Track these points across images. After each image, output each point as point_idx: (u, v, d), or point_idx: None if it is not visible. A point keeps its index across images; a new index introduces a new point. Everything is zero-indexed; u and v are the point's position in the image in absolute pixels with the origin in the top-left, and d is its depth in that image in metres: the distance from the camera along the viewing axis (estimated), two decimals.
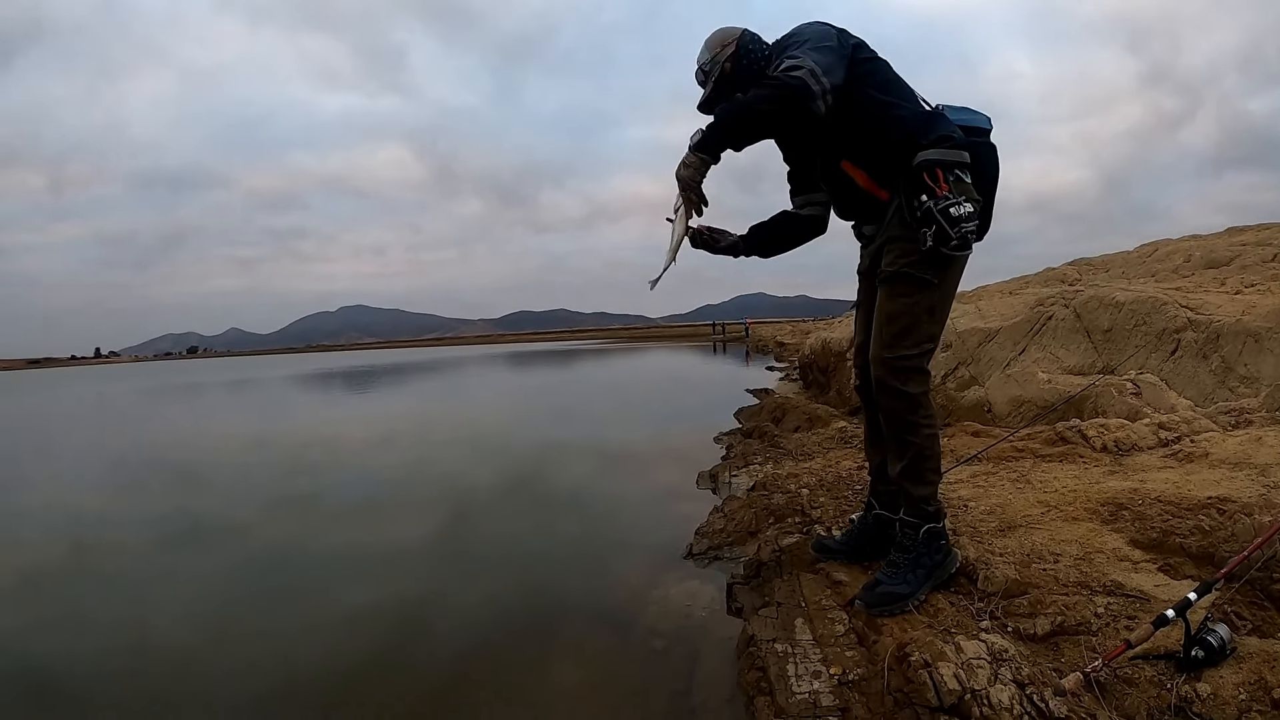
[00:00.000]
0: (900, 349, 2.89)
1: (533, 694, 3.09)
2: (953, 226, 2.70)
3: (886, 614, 2.84)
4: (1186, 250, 13.59)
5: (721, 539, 4.56)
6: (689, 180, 2.84)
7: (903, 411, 2.91)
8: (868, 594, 2.94)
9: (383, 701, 2.95)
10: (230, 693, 2.99)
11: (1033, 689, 2.18)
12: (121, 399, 25.80)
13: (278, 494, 6.55)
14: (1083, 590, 2.89)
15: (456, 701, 3.03)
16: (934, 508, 2.97)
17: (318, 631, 3.53)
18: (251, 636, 3.49)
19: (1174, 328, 7.90)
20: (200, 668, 3.19)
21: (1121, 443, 5.37)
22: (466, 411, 13.95)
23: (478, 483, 6.79)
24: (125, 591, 4.19)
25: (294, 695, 2.98)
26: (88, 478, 8.37)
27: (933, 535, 2.96)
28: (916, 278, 2.85)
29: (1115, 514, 3.75)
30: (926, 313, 2.91)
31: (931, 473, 2.99)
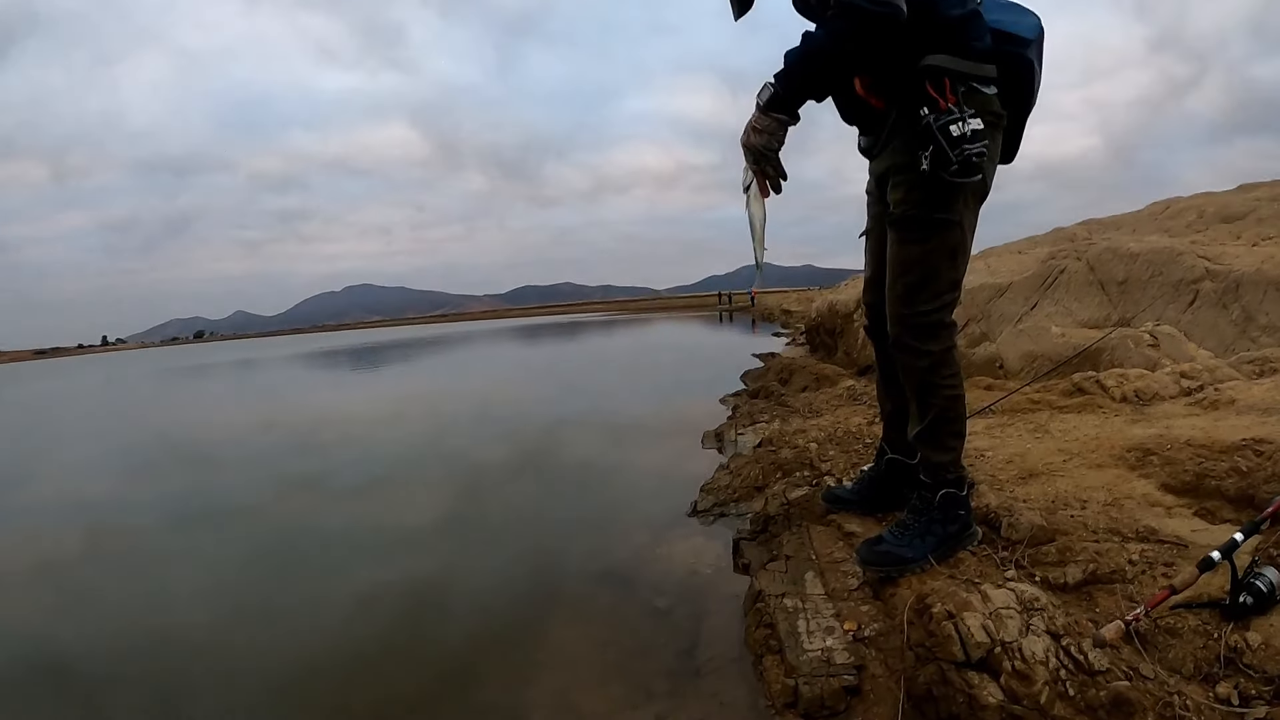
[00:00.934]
0: (918, 304, 2.51)
1: (534, 658, 2.94)
2: (953, 148, 2.27)
3: (883, 574, 2.62)
4: (1199, 207, 13.27)
5: (727, 495, 4.37)
6: (763, 149, 2.41)
7: (923, 372, 2.57)
8: (867, 549, 2.68)
9: (397, 677, 2.84)
10: (247, 672, 2.89)
11: (1069, 640, 1.98)
12: (129, 383, 25.66)
13: (289, 472, 6.44)
14: (1114, 537, 2.69)
15: (466, 674, 2.89)
16: (954, 474, 2.65)
17: (332, 609, 3.43)
18: (267, 616, 3.39)
19: (1191, 278, 7.66)
20: (216, 648, 3.09)
21: (1142, 392, 5.16)
22: (474, 386, 13.78)
23: (486, 456, 6.65)
24: (139, 573, 4.08)
25: (310, 672, 2.88)
26: (97, 461, 8.24)
27: (949, 501, 2.64)
28: (930, 220, 2.45)
29: (1143, 459, 3.55)
30: (946, 258, 2.50)
31: (953, 437, 2.65)
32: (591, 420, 8.11)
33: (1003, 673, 1.90)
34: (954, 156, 2.27)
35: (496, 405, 10.08)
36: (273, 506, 5.30)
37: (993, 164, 2.55)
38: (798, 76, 2.32)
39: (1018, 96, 2.53)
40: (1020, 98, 2.54)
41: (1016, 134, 2.66)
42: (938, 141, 2.28)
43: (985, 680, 1.92)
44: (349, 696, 2.74)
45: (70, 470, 7.78)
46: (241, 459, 7.52)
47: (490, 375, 15.95)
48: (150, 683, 2.87)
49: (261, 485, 6.03)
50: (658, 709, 2.49)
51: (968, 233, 2.56)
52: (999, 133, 2.53)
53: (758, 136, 2.40)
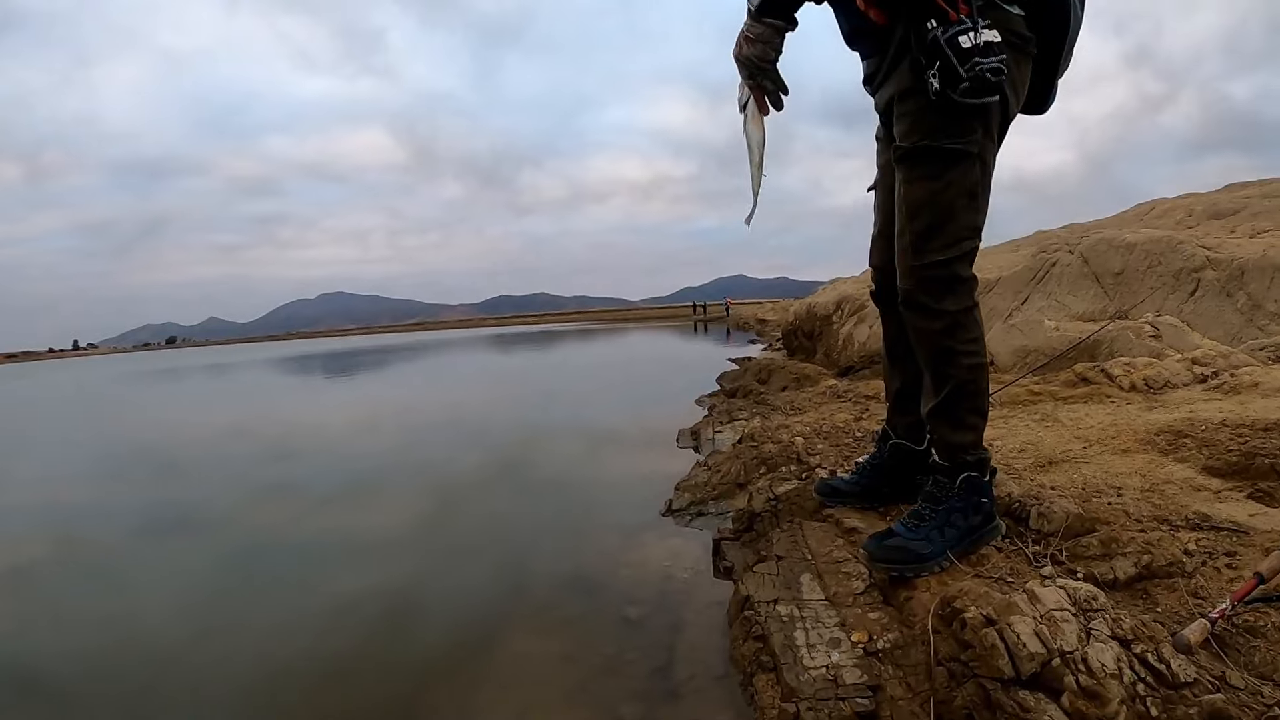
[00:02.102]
0: (930, 253, 2.14)
1: (490, 675, 2.56)
2: (963, 62, 1.93)
3: (895, 573, 2.18)
4: (1187, 206, 13.02)
5: (705, 493, 3.94)
6: (757, 60, 2.14)
7: (938, 335, 2.19)
8: (876, 545, 2.25)
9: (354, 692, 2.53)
10: (216, 683, 2.65)
11: (1142, 646, 1.56)
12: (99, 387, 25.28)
13: (260, 481, 6.21)
14: (1161, 525, 2.30)
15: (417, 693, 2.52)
16: (975, 456, 2.25)
17: (302, 619, 3.18)
18: (237, 626, 3.16)
19: (1192, 266, 7.34)
20: (186, 658, 2.87)
21: (1152, 380, 4.80)
22: (448, 394, 13.41)
23: (458, 464, 6.33)
24: (107, 583, 3.85)
25: (280, 683, 2.61)
26: (64, 467, 7.93)
27: (971, 487, 2.23)
28: (946, 151, 2.08)
29: (1175, 442, 3.18)
30: (963, 196, 2.12)
31: (973, 414, 2.26)
32: (565, 428, 7.74)
33: (1065, 690, 1.47)
34: (964, 72, 1.93)
35: (470, 413, 9.76)
36: (243, 515, 5.03)
37: (1016, 95, 2.17)
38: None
39: (1049, 29, 2.16)
40: (1053, 32, 2.17)
41: (1048, 79, 2.29)
42: (945, 56, 1.94)
43: (1043, 701, 1.49)
44: (315, 709, 2.45)
45: (36, 477, 7.46)
46: (212, 466, 7.23)
47: (464, 384, 15.56)
48: (119, 694, 2.64)
49: (232, 493, 5.74)
50: None
51: (988, 167, 2.17)
52: (1025, 60, 2.15)
53: (751, 46, 2.13)
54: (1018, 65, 2.11)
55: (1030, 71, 2.19)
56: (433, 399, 12.46)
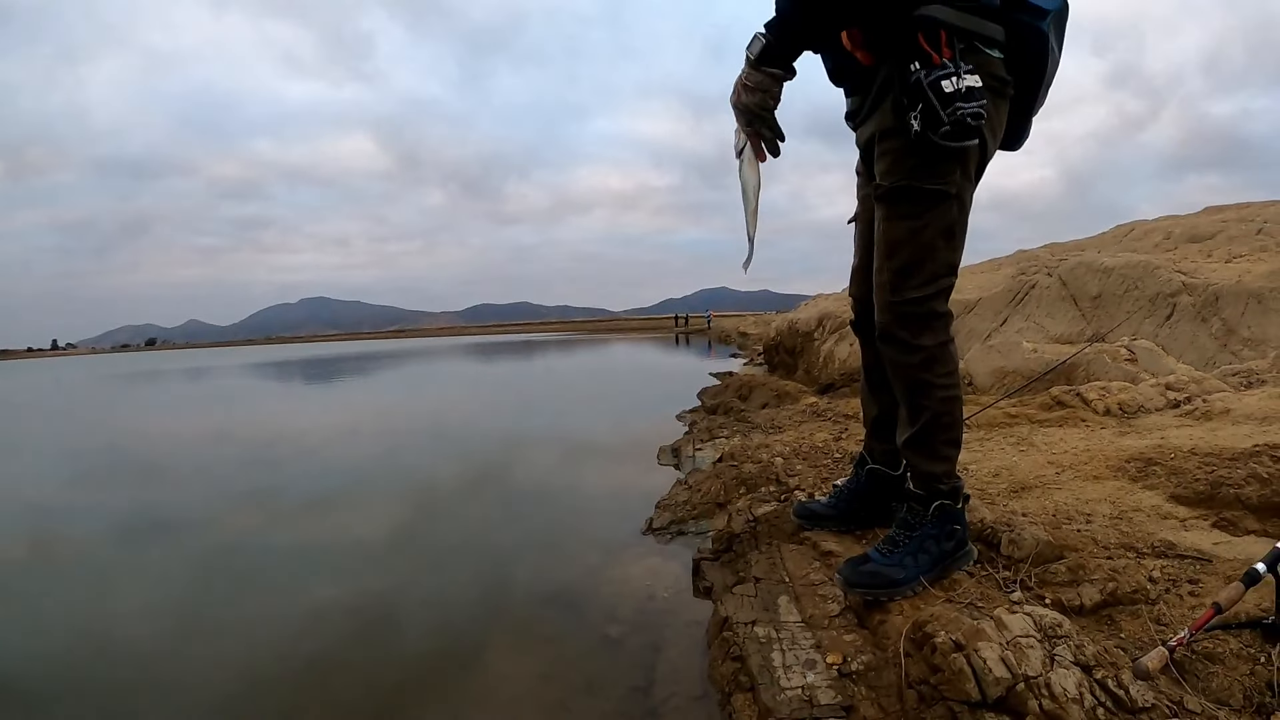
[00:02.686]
0: (908, 290, 2.18)
1: (466, 692, 2.57)
2: (944, 105, 1.97)
3: (870, 598, 2.23)
4: (1165, 229, 13.21)
5: (685, 512, 3.98)
6: (756, 108, 2.14)
7: (914, 369, 2.24)
8: (851, 569, 2.29)
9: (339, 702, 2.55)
10: (193, 687, 2.65)
11: (1103, 672, 1.62)
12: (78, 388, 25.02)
13: (238, 486, 6.17)
14: (1128, 553, 2.37)
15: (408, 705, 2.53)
16: (949, 485, 2.31)
17: (280, 627, 3.17)
18: (215, 632, 3.15)
19: (1169, 291, 7.46)
20: (163, 664, 2.87)
21: (1126, 405, 4.90)
22: (429, 403, 13.38)
23: (438, 474, 6.32)
24: (84, 587, 3.83)
25: (257, 691, 2.61)
26: (41, 470, 7.84)
27: (945, 515, 2.29)
28: (925, 191, 2.12)
29: (1144, 470, 3.25)
30: (941, 236, 2.16)
31: (948, 445, 2.31)
32: (545, 438, 7.76)
33: (1029, 714, 1.53)
34: (945, 116, 1.97)
35: (451, 422, 9.76)
36: (222, 520, 5.00)
37: (994, 136, 2.22)
38: (793, 24, 2.03)
39: (1027, 71, 2.20)
40: (1030, 73, 2.21)
41: (1023, 117, 2.34)
42: (927, 98, 1.98)
43: None
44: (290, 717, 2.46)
45: (12, 479, 7.37)
46: (190, 471, 7.20)
47: (445, 392, 15.53)
48: (96, 697, 2.64)
49: (210, 498, 5.71)
50: None
51: (965, 207, 2.22)
52: (1003, 102, 2.19)
53: (749, 95, 2.12)
54: (996, 108, 2.15)
55: (1008, 112, 2.24)
56: (413, 408, 12.43)
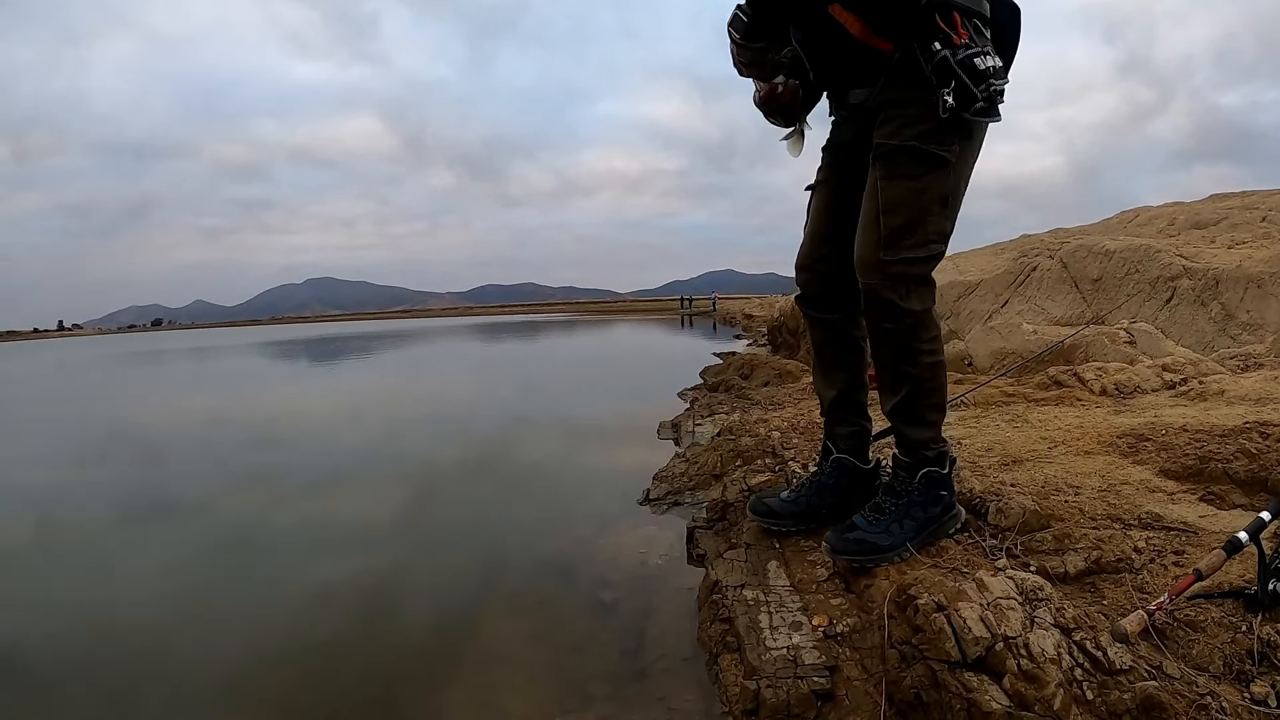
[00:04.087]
0: (902, 249, 2.15)
1: (458, 654, 2.61)
2: (978, 82, 2.00)
3: (856, 564, 2.24)
4: (1170, 215, 13.19)
5: (682, 483, 4.02)
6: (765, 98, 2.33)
7: (901, 335, 2.21)
8: (837, 537, 2.29)
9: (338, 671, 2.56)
10: (196, 669, 2.63)
11: (1082, 634, 1.65)
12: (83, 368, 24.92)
13: (242, 467, 6.12)
14: (1114, 524, 2.39)
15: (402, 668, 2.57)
16: (935, 450, 2.32)
17: (284, 607, 3.16)
18: (219, 614, 3.13)
19: (1169, 275, 7.46)
20: (165, 645, 2.85)
21: (1123, 385, 4.91)
22: (432, 383, 13.36)
23: (441, 453, 6.31)
24: (86, 568, 3.78)
25: (262, 671, 2.60)
26: (44, 452, 7.77)
27: (931, 481, 2.30)
28: (928, 154, 2.12)
29: (1135, 445, 3.27)
30: (939, 202, 2.17)
31: (934, 410, 2.32)
32: (548, 418, 7.75)
33: (1007, 673, 1.56)
34: (979, 92, 2.01)
35: (454, 403, 9.75)
36: (225, 502, 4.97)
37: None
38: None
39: (1004, 48, 2.19)
40: (1008, 50, 2.21)
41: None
42: (959, 77, 2.00)
43: (986, 682, 1.58)
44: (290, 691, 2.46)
45: (15, 460, 7.35)
46: (194, 452, 7.14)
47: (449, 373, 15.52)
48: (98, 679, 2.63)
49: (214, 480, 5.66)
50: (595, 715, 2.13)
51: (963, 181, 2.25)
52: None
53: (752, 70, 2.27)
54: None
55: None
56: (417, 388, 12.42)
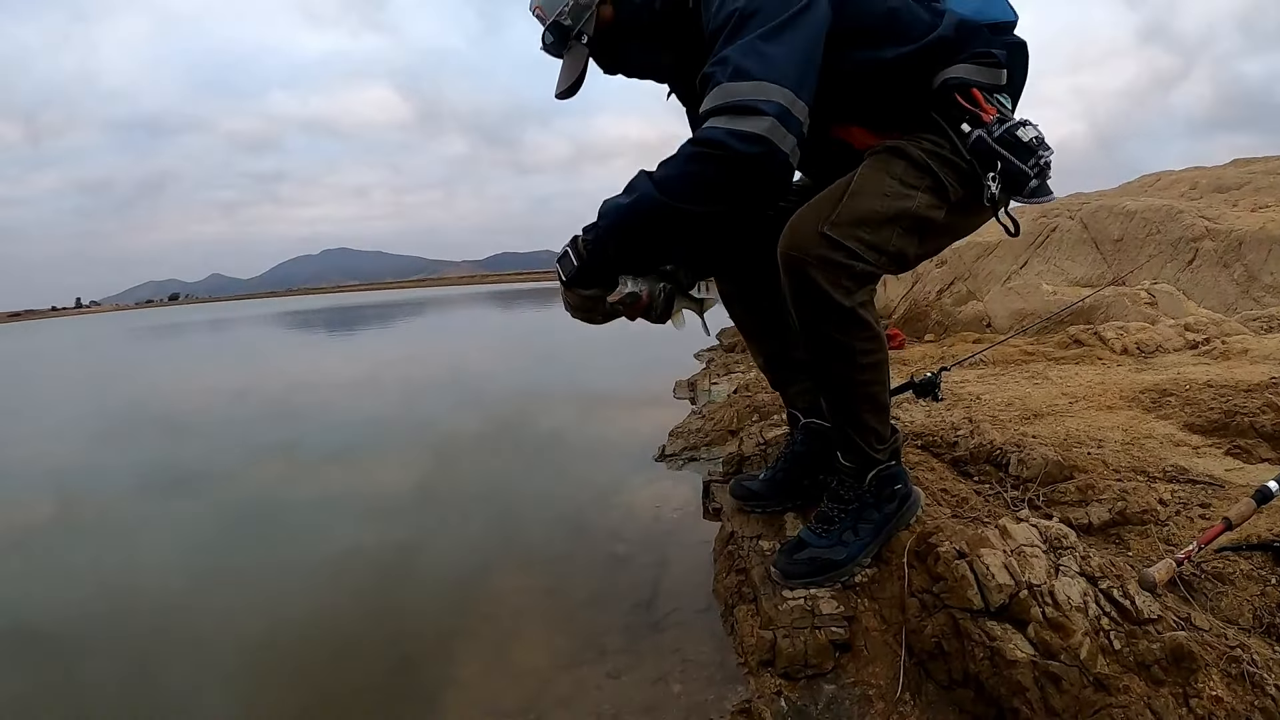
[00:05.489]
0: (853, 234, 1.70)
1: (470, 607, 2.60)
2: (1027, 158, 1.69)
3: (814, 585, 1.96)
4: (1192, 179, 12.98)
5: (698, 439, 3.98)
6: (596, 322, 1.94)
7: (833, 330, 1.77)
8: (786, 560, 2.02)
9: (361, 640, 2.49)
10: (219, 637, 2.61)
11: (1109, 583, 1.60)
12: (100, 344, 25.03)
13: (261, 438, 6.06)
14: (1139, 476, 2.35)
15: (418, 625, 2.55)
16: (884, 447, 1.98)
17: (305, 574, 3.13)
18: (238, 581, 3.11)
19: (1191, 236, 7.35)
20: (189, 614, 2.82)
21: (1144, 344, 4.84)
22: (449, 352, 13.29)
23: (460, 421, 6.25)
24: (109, 540, 3.79)
25: (285, 636, 2.57)
26: (63, 426, 7.75)
27: (884, 479, 2.00)
28: (936, 175, 1.79)
29: (1159, 401, 3.22)
30: (916, 224, 1.80)
31: (879, 411, 1.93)
32: (564, 383, 7.70)
33: (1031, 622, 1.52)
34: (1030, 169, 1.70)
35: (471, 371, 9.70)
36: (244, 473, 4.92)
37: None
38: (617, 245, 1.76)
39: (1015, 94, 1.93)
40: (1016, 94, 1.94)
41: None
42: (1003, 156, 1.71)
43: (1009, 631, 1.54)
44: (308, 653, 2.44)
45: (35, 435, 7.32)
46: (213, 424, 7.08)
47: (466, 342, 15.48)
48: (123, 647, 2.61)
49: (233, 451, 5.61)
50: (609, 667, 2.10)
51: (946, 233, 1.97)
52: None
53: (579, 314, 1.92)
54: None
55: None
56: (434, 357, 12.38)
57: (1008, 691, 1.47)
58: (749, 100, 1.56)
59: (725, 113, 1.58)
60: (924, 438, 2.91)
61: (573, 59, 1.94)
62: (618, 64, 2.01)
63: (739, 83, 1.58)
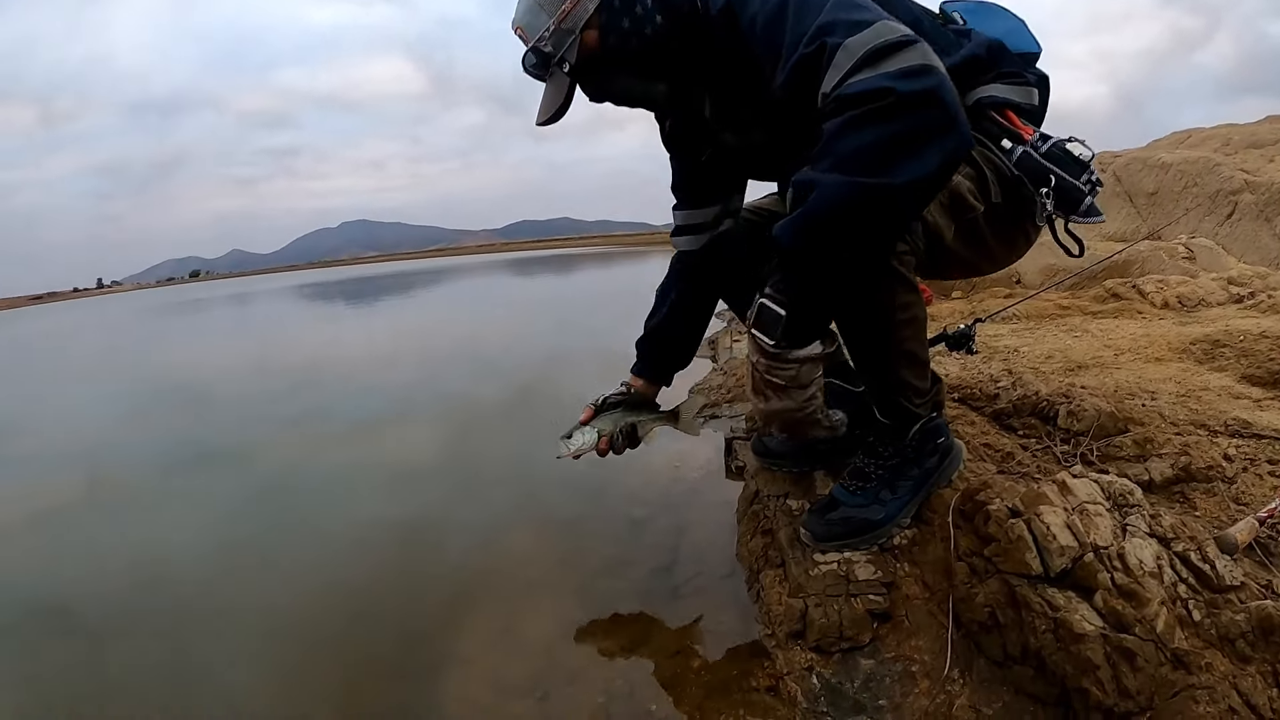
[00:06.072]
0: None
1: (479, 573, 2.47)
2: (1080, 174, 1.60)
3: (847, 549, 1.79)
4: (1224, 135, 12.59)
5: (719, 395, 3.79)
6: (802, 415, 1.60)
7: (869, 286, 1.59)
8: (817, 521, 1.85)
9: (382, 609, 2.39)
10: (246, 610, 2.54)
11: (1184, 545, 1.42)
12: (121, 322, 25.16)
13: (283, 412, 5.98)
14: (1199, 430, 2.15)
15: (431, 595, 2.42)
16: (924, 400, 1.80)
17: (327, 545, 3.05)
18: (264, 556, 3.04)
19: (1230, 189, 7.06)
20: (215, 588, 2.76)
21: (1186, 298, 4.62)
22: (470, 320, 13.15)
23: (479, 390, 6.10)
24: (136, 516, 3.73)
25: (310, 609, 2.49)
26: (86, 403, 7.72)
27: (927, 434, 1.82)
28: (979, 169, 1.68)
29: (1211, 352, 3.02)
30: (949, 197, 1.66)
31: (917, 366, 1.76)
32: (584, 350, 7.54)
33: (1099, 589, 1.34)
34: (1084, 185, 1.61)
35: (490, 339, 9.57)
36: (267, 447, 4.82)
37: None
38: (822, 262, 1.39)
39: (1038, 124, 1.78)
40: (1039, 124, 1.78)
41: None
42: (1056, 173, 1.59)
43: (1074, 600, 1.36)
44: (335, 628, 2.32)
45: (59, 413, 7.29)
46: (235, 399, 7.02)
47: (485, 309, 15.33)
48: (152, 621, 2.54)
49: (256, 426, 5.52)
50: (624, 638, 1.95)
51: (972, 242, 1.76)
52: None
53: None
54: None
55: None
56: (453, 326, 12.25)
57: (1075, 669, 1.29)
58: (886, 40, 1.31)
59: (866, 65, 1.31)
60: (961, 390, 2.73)
61: (555, 86, 1.78)
62: (604, 92, 1.84)
63: (860, 34, 1.34)
